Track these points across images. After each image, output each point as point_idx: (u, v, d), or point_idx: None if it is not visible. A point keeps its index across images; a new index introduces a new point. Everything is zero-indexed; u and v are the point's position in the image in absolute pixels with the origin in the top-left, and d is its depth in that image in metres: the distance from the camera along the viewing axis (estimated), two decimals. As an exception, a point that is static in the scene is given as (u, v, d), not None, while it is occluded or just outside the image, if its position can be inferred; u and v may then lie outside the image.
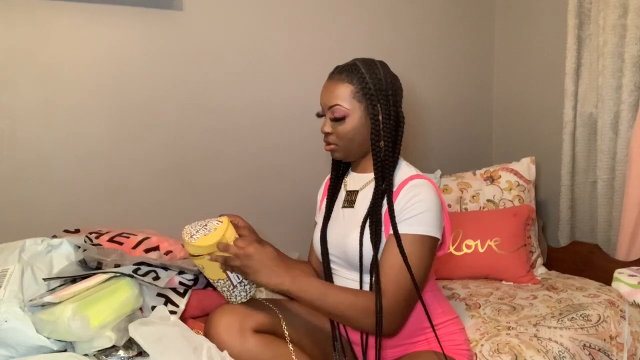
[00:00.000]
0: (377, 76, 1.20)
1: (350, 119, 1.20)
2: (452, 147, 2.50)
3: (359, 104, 1.20)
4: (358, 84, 1.19)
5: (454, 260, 1.95)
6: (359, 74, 1.20)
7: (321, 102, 1.25)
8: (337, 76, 1.22)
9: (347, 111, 1.20)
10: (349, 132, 1.21)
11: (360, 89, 1.19)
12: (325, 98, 1.23)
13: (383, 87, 1.20)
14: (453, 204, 2.15)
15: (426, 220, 1.14)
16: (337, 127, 1.22)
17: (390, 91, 1.21)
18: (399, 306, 1.12)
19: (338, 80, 1.21)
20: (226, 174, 1.93)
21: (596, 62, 2.04)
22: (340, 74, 1.22)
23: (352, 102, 1.20)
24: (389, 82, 1.22)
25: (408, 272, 1.11)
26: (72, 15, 1.64)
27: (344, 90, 1.20)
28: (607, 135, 2.01)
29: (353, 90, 1.20)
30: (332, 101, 1.21)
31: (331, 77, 1.24)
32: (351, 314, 1.11)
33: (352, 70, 1.21)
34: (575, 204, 2.20)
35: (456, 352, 1.25)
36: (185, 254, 1.49)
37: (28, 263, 1.22)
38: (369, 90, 1.19)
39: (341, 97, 1.20)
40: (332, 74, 1.25)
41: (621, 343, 1.53)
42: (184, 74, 1.83)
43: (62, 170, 1.67)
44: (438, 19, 2.38)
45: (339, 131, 1.22)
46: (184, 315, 1.31)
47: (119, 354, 1.10)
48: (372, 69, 1.21)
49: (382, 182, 1.19)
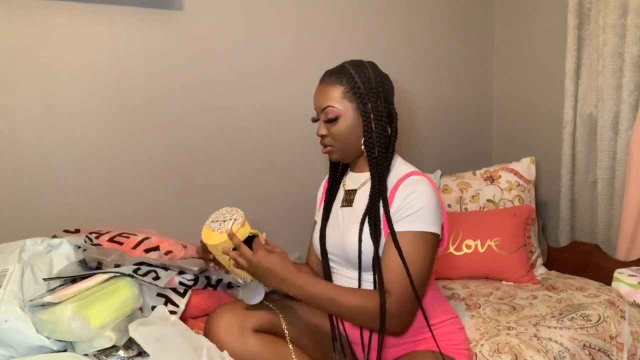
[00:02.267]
0: (365, 75, 1.23)
1: (343, 119, 1.22)
2: (452, 147, 2.50)
3: (350, 103, 1.22)
4: (347, 84, 1.22)
5: (454, 260, 1.95)
6: (348, 74, 1.23)
7: (314, 106, 1.28)
8: (327, 79, 1.25)
9: (339, 111, 1.22)
10: (342, 132, 1.23)
11: (349, 89, 1.22)
12: (317, 101, 1.26)
13: (372, 85, 1.22)
14: (453, 204, 2.15)
15: (425, 216, 1.15)
16: (331, 128, 1.24)
17: (380, 89, 1.23)
18: (407, 305, 1.13)
19: (328, 83, 1.24)
20: (226, 174, 1.93)
21: (596, 62, 2.04)
22: (330, 76, 1.25)
23: (343, 103, 1.22)
24: (378, 81, 1.24)
25: (411, 269, 1.12)
26: (72, 15, 1.64)
27: (334, 92, 1.22)
28: (607, 135, 2.00)
29: (343, 90, 1.22)
30: (324, 103, 1.23)
31: (322, 81, 1.27)
32: (361, 318, 1.13)
33: (340, 71, 1.24)
34: (575, 204, 2.20)
35: (456, 351, 1.25)
36: (185, 254, 1.49)
37: (28, 263, 1.22)
38: (358, 90, 1.21)
39: (332, 98, 1.22)
40: (322, 78, 1.28)
41: (621, 343, 1.53)
42: (184, 74, 1.83)
43: (62, 170, 1.67)
44: (438, 19, 2.38)
45: (333, 132, 1.24)
46: (184, 315, 1.31)
47: (119, 354, 1.10)
48: (361, 69, 1.23)
49: (378, 180, 1.20)
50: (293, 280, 1.12)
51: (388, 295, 1.11)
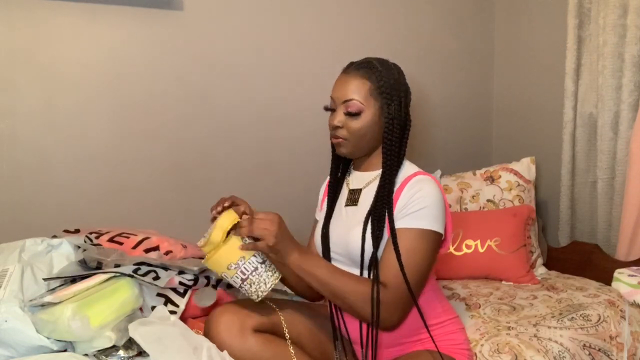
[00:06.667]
0: (393, 77, 1.22)
1: (364, 115, 1.20)
2: (452, 147, 2.50)
3: (374, 101, 1.20)
4: (376, 81, 1.20)
5: (454, 260, 1.95)
6: (377, 72, 1.21)
7: (334, 95, 1.24)
8: (355, 71, 1.22)
9: (362, 107, 1.20)
10: (361, 129, 1.21)
11: (377, 87, 1.20)
12: (340, 92, 1.22)
13: (397, 89, 1.21)
14: (453, 204, 2.15)
15: (428, 214, 1.15)
16: (349, 121, 1.21)
17: (403, 93, 1.23)
18: (401, 299, 1.13)
19: (356, 76, 1.21)
20: (226, 174, 1.93)
21: (596, 62, 2.04)
22: (357, 69, 1.22)
23: (368, 99, 1.20)
24: (402, 84, 1.23)
25: (411, 267, 1.12)
26: (72, 15, 1.64)
27: (361, 86, 1.20)
28: (607, 135, 2.00)
29: (370, 87, 1.20)
30: (349, 95, 1.20)
31: (347, 72, 1.23)
32: (352, 300, 1.12)
33: (369, 67, 1.22)
34: (575, 204, 2.20)
35: (456, 351, 1.25)
36: (185, 254, 1.49)
37: (28, 263, 1.22)
38: (385, 90, 1.20)
39: (358, 92, 1.20)
40: (348, 68, 1.24)
41: (621, 343, 1.53)
42: (184, 74, 1.83)
43: (62, 170, 1.67)
44: (438, 19, 2.38)
45: (351, 126, 1.21)
46: (184, 315, 1.31)
47: (119, 354, 1.10)
48: (388, 69, 1.22)
49: (388, 181, 1.20)
50: (299, 245, 1.12)
51: (384, 288, 1.11)
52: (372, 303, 1.10)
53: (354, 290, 1.11)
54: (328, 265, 1.16)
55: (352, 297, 1.12)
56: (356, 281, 1.13)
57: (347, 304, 1.14)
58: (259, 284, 1.12)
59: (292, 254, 1.11)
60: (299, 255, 1.12)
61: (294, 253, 1.11)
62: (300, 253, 1.12)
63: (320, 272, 1.12)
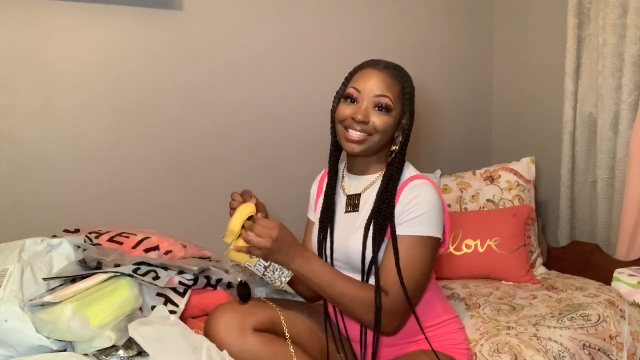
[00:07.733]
0: (412, 85, 1.23)
1: (391, 115, 1.19)
2: (452, 147, 2.50)
3: (400, 104, 1.20)
4: (405, 86, 1.21)
5: (454, 260, 1.95)
6: (406, 77, 1.22)
7: (363, 87, 1.18)
8: (387, 71, 1.20)
9: (392, 107, 1.19)
10: (388, 128, 1.19)
11: (404, 93, 1.21)
12: (373, 85, 1.18)
13: (413, 99, 1.23)
14: (453, 204, 2.15)
15: (428, 221, 1.15)
16: (380, 117, 1.17)
17: (414, 104, 1.24)
18: (403, 307, 1.13)
19: (392, 76, 1.20)
20: (226, 173, 1.93)
21: (596, 62, 2.04)
22: (391, 70, 1.21)
23: (397, 101, 1.20)
24: (414, 94, 1.24)
25: (411, 273, 1.12)
26: (72, 15, 1.64)
27: (395, 87, 1.19)
28: (607, 135, 2.00)
29: (401, 90, 1.20)
30: (385, 92, 1.17)
31: (380, 69, 1.20)
32: (354, 307, 1.12)
33: (399, 70, 1.23)
34: (575, 204, 2.20)
35: (456, 351, 1.25)
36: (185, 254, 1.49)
37: (28, 263, 1.22)
38: (408, 97, 1.21)
39: (390, 90, 1.18)
40: (380, 66, 1.21)
41: (621, 343, 1.53)
42: (184, 74, 1.83)
43: (62, 170, 1.67)
44: (437, 19, 2.38)
45: (379, 123, 1.17)
46: (184, 315, 1.31)
47: (119, 354, 1.11)
48: (409, 77, 1.24)
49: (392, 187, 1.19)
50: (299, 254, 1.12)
51: (385, 295, 1.12)
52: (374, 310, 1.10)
53: (355, 297, 1.12)
54: (330, 272, 1.15)
55: (354, 304, 1.12)
56: (358, 288, 1.13)
57: (348, 310, 1.15)
58: (282, 270, 1.15)
59: (294, 262, 1.12)
60: (301, 262, 1.12)
61: (296, 261, 1.12)
62: (302, 259, 1.12)
63: (322, 279, 1.13)
